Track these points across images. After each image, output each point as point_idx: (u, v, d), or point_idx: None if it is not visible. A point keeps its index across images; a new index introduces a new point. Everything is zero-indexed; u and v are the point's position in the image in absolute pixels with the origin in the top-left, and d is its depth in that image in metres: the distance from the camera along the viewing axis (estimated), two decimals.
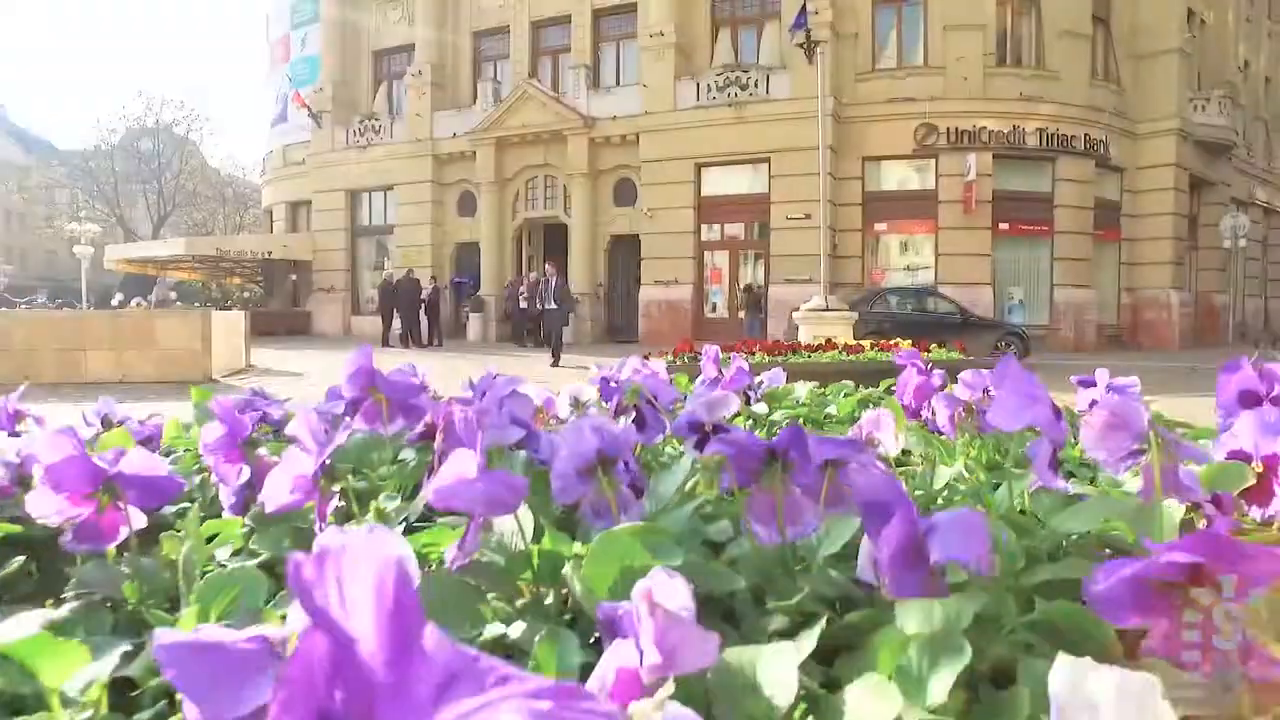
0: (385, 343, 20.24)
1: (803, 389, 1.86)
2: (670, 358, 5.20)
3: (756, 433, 1.10)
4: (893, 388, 1.62)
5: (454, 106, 24.95)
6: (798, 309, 10.46)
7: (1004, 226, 20.37)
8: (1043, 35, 20.80)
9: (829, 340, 5.45)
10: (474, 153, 23.98)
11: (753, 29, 22.17)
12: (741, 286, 21.42)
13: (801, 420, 1.60)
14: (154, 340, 10.31)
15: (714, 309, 22.05)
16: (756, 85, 20.89)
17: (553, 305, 14.97)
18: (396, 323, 20.56)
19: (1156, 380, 12.09)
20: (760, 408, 1.67)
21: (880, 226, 21.06)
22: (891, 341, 5.48)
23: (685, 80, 21.56)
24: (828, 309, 9.47)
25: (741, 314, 20.75)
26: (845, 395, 1.87)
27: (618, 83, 23.29)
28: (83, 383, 9.93)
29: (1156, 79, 21.75)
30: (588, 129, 22.42)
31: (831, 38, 19.50)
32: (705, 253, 22.10)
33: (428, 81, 25.00)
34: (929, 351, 5.24)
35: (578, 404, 1.50)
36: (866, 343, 5.54)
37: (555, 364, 13.75)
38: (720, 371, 1.66)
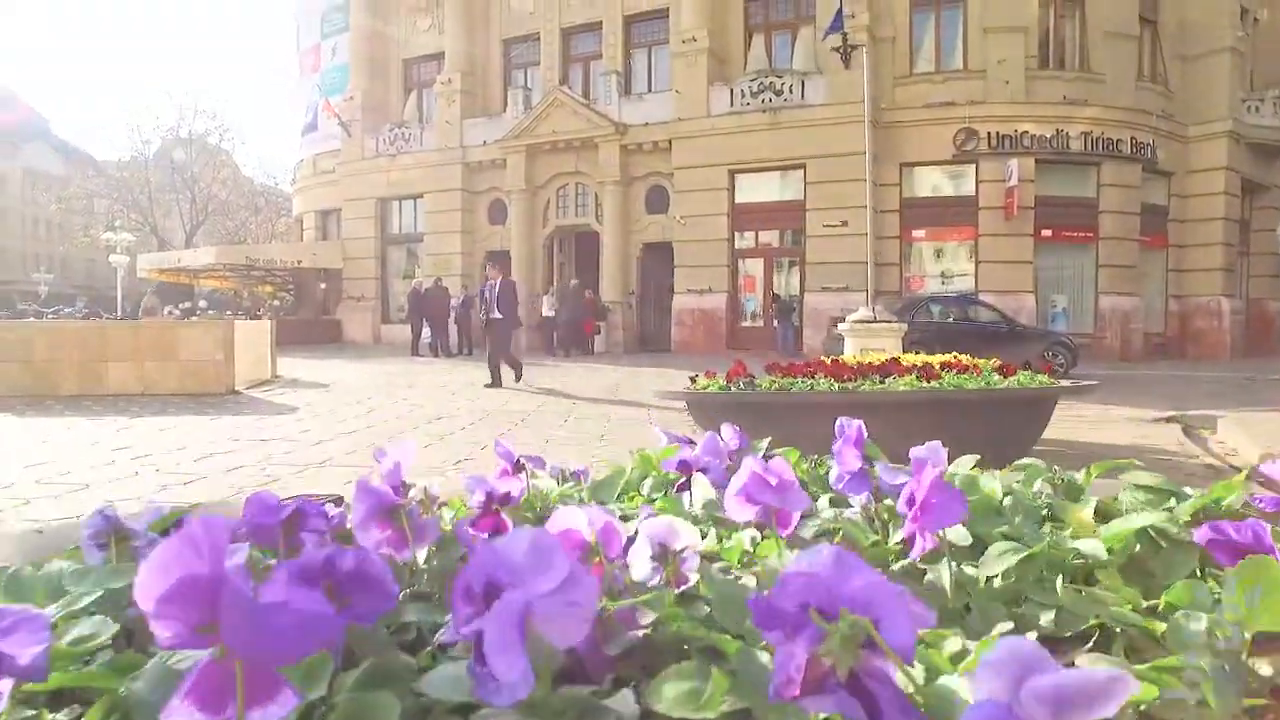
0: (415, 351, 20.11)
1: (998, 488, 0.98)
2: (723, 383, 4.73)
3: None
4: (1142, 485, 0.86)
5: (484, 114, 24.79)
6: (841, 319, 10.03)
7: (1046, 233, 19.81)
8: (1087, 37, 20.22)
9: (894, 360, 4.95)
10: (504, 160, 23.79)
11: (787, 34, 21.81)
12: (772, 296, 21.00)
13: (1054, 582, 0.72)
14: (175, 351, 10.07)
15: (748, 318, 21.63)
16: (791, 91, 20.51)
17: (497, 314, 12.15)
18: (426, 331, 20.40)
19: (1212, 391, 11.51)
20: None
21: (918, 233, 20.55)
22: (968, 360, 4.94)
23: (718, 86, 21.22)
24: (875, 320, 9.04)
25: (775, 324, 20.33)
26: (1066, 491, 1.03)
27: (650, 89, 22.99)
28: (104, 395, 9.74)
29: (1207, 79, 21.06)
30: (619, 136, 22.14)
31: (868, 41, 19.06)
32: (739, 260, 21.70)
33: (457, 89, 24.86)
34: (1013, 374, 4.68)
35: (666, 555, 0.73)
36: (935, 360, 5.03)
37: (493, 384, 11.52)
38: (866, 459, 0.94)
